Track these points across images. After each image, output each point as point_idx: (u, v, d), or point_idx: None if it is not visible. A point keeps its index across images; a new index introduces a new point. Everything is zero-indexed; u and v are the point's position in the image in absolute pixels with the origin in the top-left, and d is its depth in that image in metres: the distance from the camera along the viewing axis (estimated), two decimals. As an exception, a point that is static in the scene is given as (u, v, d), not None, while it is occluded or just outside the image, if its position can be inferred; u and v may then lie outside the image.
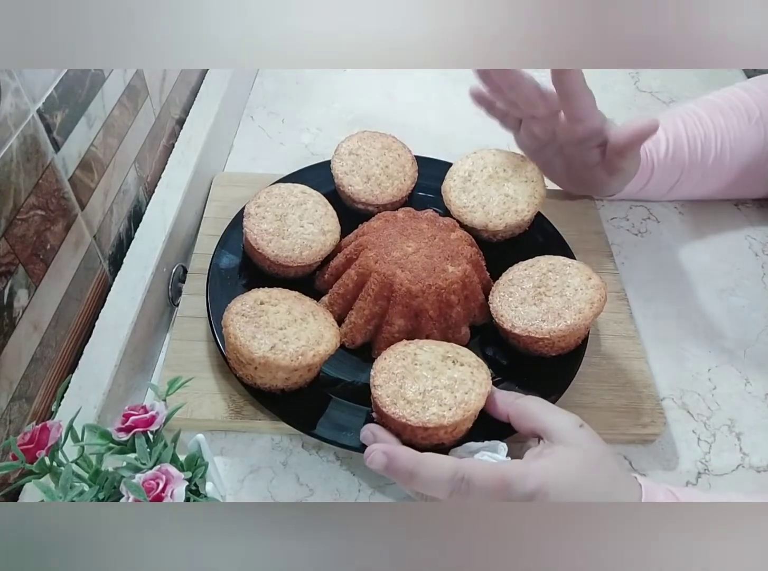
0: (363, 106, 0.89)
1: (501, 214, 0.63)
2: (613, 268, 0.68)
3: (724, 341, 0.65)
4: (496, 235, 0.65)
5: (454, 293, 0.57)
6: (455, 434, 0.49)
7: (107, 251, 0.59)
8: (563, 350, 0.56)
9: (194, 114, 0.75)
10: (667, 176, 0.71)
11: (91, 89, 0.53)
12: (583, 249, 0.68)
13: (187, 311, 0.61)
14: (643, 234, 0.75)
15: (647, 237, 0.75)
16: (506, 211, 0.63)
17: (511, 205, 0.63)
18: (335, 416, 0.53)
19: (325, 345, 0.51)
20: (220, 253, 0.62)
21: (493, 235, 0.64)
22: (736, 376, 0.62)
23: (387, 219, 0.61)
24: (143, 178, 0.66)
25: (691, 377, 0.62)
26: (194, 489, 0.39)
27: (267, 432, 0.55)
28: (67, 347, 0.52)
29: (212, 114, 0.75)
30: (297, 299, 0.55)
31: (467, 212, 0.64)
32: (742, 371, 0.63)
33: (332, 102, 0.90)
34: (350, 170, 0.66)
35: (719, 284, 0.70)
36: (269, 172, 0.74)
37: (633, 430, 0.56)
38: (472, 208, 0.64)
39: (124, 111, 0.60)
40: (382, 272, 0.56)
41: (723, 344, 0.65)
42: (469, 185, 0.65)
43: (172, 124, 0.73)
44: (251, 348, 0.49)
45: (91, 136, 0.54)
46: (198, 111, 0.76)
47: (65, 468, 0.36)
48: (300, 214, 0.61)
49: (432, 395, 0.48)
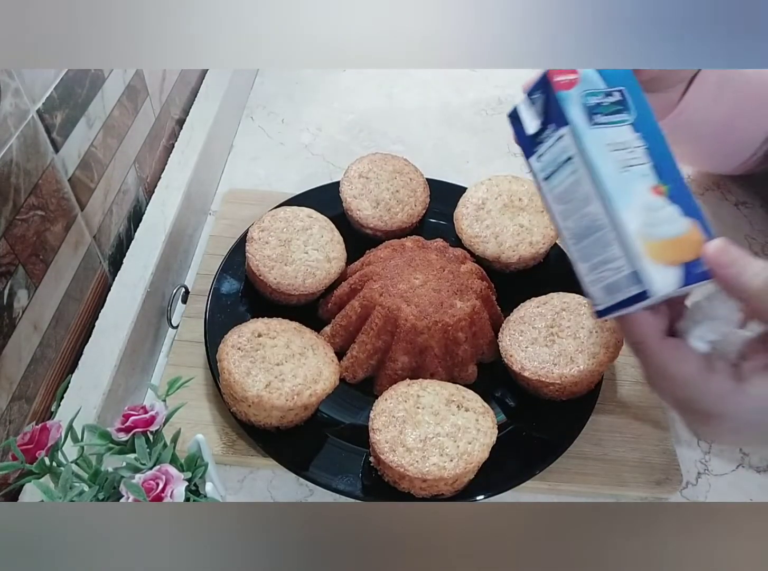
0: (363, 106, 0.89)
1: (515, 245, 0.61)
2: None
3: (724, 341, 0.65)
4: (509, 267, 0.62)
5: (461, 330, 0.54)
6: (456, 485, 0.47)
7: (107, 251, 0.59)
8: (575, 394, 0.54)
9: (194, 114, 0.75)
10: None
11: (91, 89, 0.53)
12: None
13: (186, 334, 0.60)
14: (643, 234, 0.75)
15: (647, 237, 0.75)
16: (520, 242, 0.61)
17: (526, 236, 0.61)
18: (332, 457, 0.51)
19: (323, 384, 0.50)
20: (221, 277, 0.61)
21: (506, 266, 0.62)
22: (736, 376, 0.62)
23: (394, 248, 0.59)
24: (143, 179, 0.66)
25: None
26: (194, 489, 0.39)
27: (259, 467, 0.54)
28: (67, 347, 0.52)
29: (212, 114, 0.75)
30: (297, 331, 0.53)
31: (479, 242, 0.62)
32: (742, 371, 0.63)
33: (332, 102, 0.90)
34: (359, 194, 0.65)
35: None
36: (272, 174, 0.74)
37: (645, 488, 0.53)
38: (485, 239, 0.62)
39: (124, 111, 0.60)
40: (387, 306, 0.54)
41: (723, 344, 0.65)
42: (483, 214, 0.63)
43: (172, 124, 0.73)
44: (245, 386, 0.48)
45: (90, 137, 0.54)
46: (198, 111, 0.76)
47: (65, 468, 0.36)
48: (305, 239, 0.60)
49: (433, 443, 0.46)
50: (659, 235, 0.36)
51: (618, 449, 0.55)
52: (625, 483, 0.53)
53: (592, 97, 0.38)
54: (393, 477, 0.47)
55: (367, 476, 0.50)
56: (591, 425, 0.54)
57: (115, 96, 0.58)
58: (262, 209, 0.63)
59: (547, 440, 0.53)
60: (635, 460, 0.54)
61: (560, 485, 0.53)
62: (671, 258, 0.35)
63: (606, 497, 0.53)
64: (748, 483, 0.55)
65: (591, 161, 0.37)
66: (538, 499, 0.53)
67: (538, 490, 0.53)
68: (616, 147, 0.37)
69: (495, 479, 0.50)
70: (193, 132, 0.73)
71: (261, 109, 0.88)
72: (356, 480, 0.50)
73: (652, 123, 0.39)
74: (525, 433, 0.54)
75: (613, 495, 0.53)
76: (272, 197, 0.69)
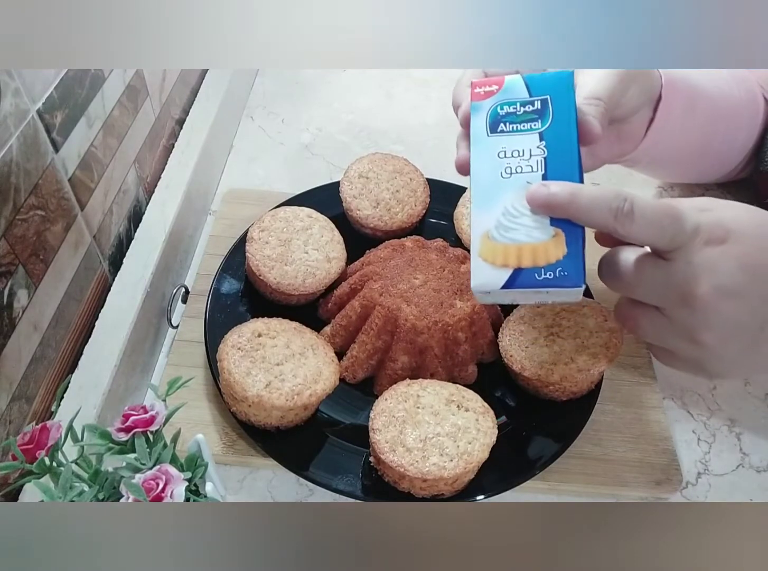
0: (363, 106, 0.89)
1: None
2: None
3: (724, 341, 0.65)
4: None
5: (461, 330, 0.54)
6: (456, 485, 0.47)
7: (107, 251, 0.59)
8: (575, 395, 0.54)
9: (194, 114, 0.75)
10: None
11: (91, 89, 0.53)
12: (602, 286, 0.66)
13: (186, 334, 0.60)
14: (643, 234, 0.75)
15: (647, 237, 0.75)
16: None
17: None
18: (332, 457, 0.51)
19: (323, 383, 0.50)
20: (221, 277, 0.61)
21: None
22: (736, 376, 0.62)
23: (394, 248, 0.59)
24: (143, 178, 0.66)
25: (691, 376, 0.62)
26: (194, 489, 0.39)
27: (259, 467, 0.54)
28: (67, 347, 0.52)
29: (212, 114, 0.75)
30: (297, 331, 0.53)
31: None
32: (742, 371, 0.63)
33: (332, 102, 0.90)
34: (359, 194, 0.65)
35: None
36: (272, 174, 0.74)
37: (645, 488, 0.53)
38: None
39: (124, 111, 0.60)
40: (387, 306, 0.54)
41: (723, 344, 0.65)
42: None
43: (172, 124, 0.73)
44: (245, 386, 0.48)
45: (90, 137, 0.54)
46: (198, 111, 0.76)
47: (65, 468, 0.36)
48: (305, 239, 0.60)
49: (433, 443, 0.46)
50: (506, 239, 0.38)
51: (618, 449, 0.55)
52: (625, 483, 0.53)
53: (504, 107, 0.41)
54: (393, 477, 0.47)
55: (367, 476, 0.50)
56: (591, 425, 0.54)
57: (115, 96, 0.58)
58: (261, 209, 0.63)
59: (547, 440, 0.53)
60: (635, 460, 0.54)
61: (560, 485, 0.53)
62: (505, 261, 0.38)
63: (606, 497, 0.53)
64: (748, 483, 0.55)
65: (472, 166, 0.41)
66: (538, 499, 0.53)
67: (538, 490, 0.53)
68: (509, 154, 0.40)
69: (495, 479, 0.50)
70: (193, 132, 0.73)
71: (261, 109, 0.88)
72: (356, 480, 0.50)
73: (568, 133, 0.40)
74: (525, 433, 0.54)
75: (613, 495, 0.53)
76: (272, 197, 0.69)
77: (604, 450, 0.55)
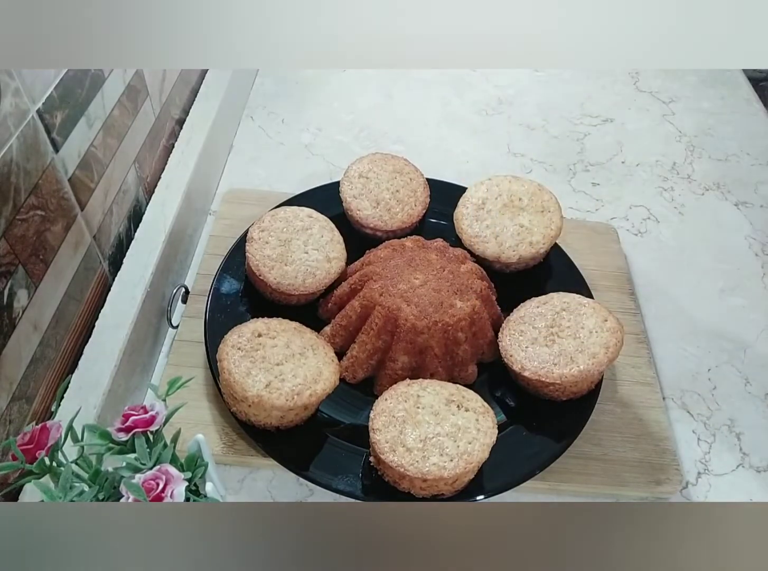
0: (363, 106, 0.89)
1: (515, 245, 0.61)
2: (633, 308, 0.65)
3: (723, 341, 0.65)
4: (509, 267, 0.62)
5: (461, 329, 0.54)
6: (456, 485, 0.47)
7: (107, 251, 0.59)
8: (575, 394, 0.54)
9: (194, 114, 0.75)
10: None
11: (91, 89, 0.53)
12: (603, 285, 0.65)
13: (186, 334, 0.60)
14: (643, 234, 0.75)
15: (647, 237, 0.75)
16: (520, 242, 0.61)
17: (526, 236, 0.61)
18: (331, 457, 0.51)
19: (323, 384, 0.50)
20: (221, 277, 0.61)
21: (506, 266, 0.62)
22: (736, 376, 0.62)
23: (394, 248, 0.59)
24: (143, 178, 0.66)
25: (691, 377, 0.62)
26: (194, 489, 0.39)
27: (259, 467, 0.54)
28: (67, 347, 0.52)
29: (212, 114, 0.75)
30: (297, 331, 0.53)
31: (479, 242, 0.62)
32: (742, 371, 0.63)
33: (332, 102, 0.90)
34: (359, 194, 0.65)
35: (719, 284, 0.70)
36: (272, 174, 0.74)
37: (645, 488, 0.53)
38: (485, 238, 0.62)
39: (124, 111, 0.60)
40: (387, 306, 0.54)
41: (723, 344, 0.65)
42: (483, 214, 0.63)
43: (172, 124, 0.73)
44: (245, 386, 0.48)
45: (90, 137, 0.54)
46: (198, 111, 0.76)
47: (65, 468, 0.36)
48: (305, 239, 0.60)
49: (433, 443, 0.46)
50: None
51: (618, 449, 0.55)
52: (625, 483, 0.53)
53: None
54: (393, 477, 0.47)
55: (367, 476, 0.50)
56: (591, 425, 0.54)
57: (115, 96, 0.58)
58: (262, 209, 0.63)
59: (547, 440, 0.53)
60: (635, 460, 0.54)
61: (560, 485, 0.53)
62: None
63: (606, 497, 0.53)
64: (748, 483, 0.55)
65: None
66: (538, 499, 0.53)
67: (538, 490, 0.53)
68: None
69: (495, 479, 0.50)
70: (193, 132, 0.73)
71: (261, 109, 0.88)
72: (356, 480, 0.50)
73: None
74: (525, 433, 0.54)
75: (613, 495, 0.53)
76: (272, 197, 0.69)
77: (604, 450, 0.55)
